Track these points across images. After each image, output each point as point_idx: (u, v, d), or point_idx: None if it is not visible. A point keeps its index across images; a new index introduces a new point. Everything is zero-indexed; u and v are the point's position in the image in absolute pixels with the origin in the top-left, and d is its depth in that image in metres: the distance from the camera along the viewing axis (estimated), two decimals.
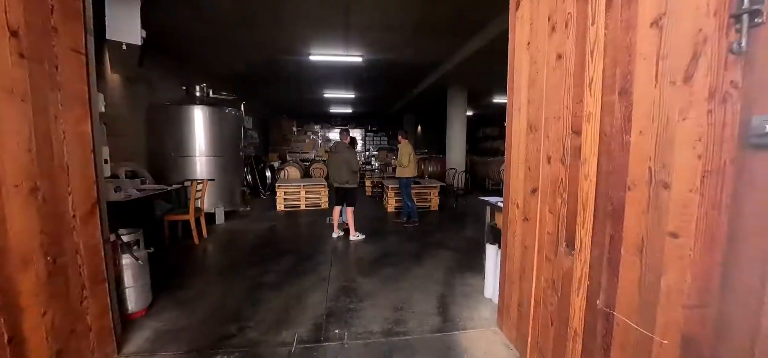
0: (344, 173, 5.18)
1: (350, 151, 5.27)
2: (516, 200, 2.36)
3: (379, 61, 8.25)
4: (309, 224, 6.45)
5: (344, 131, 5.43)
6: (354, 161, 5.20)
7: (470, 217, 7.14)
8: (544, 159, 1.99)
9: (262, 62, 8.31)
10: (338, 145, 5.36)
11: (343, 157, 5.18)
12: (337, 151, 5.30)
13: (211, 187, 6.45)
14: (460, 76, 8.74)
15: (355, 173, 5.28)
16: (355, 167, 5.21)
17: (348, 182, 5.22)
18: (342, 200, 5.41)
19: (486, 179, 11.76)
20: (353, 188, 5.31)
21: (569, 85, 1.75)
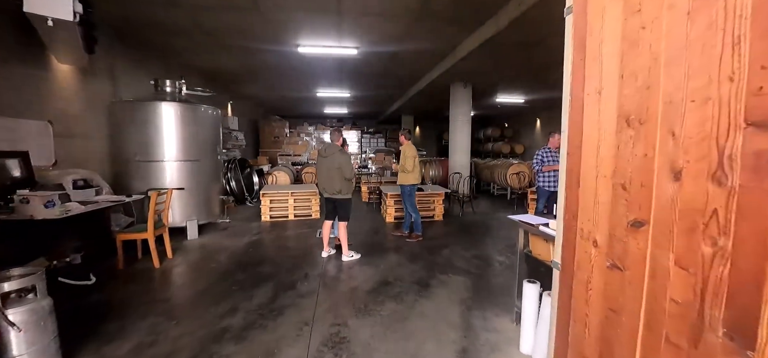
0: (336, 181, 4.35)
1: (343, 155, 4.42)
2: (592, 234, 1.53)
3: (376, 55, 7.43)
4: (296, 238, 5.59)
5: (335, 131, 4.58)
6: (348, 166, 4.37)
7: (480, 228, 6.32)
8: (665, 172, 1.16)
9: (244, 55, 7.46)
10: (328, 147, 4.50)
11: (334, 161, 4.34)
12: (327, 155, 4.43)
13: (181, 197, 5.59)
14: (464, 71, 7.94)
15: (350, 181, 4.45)
16: (350, 174, 4.37)
17: (341, 191, 4.38)
18: (334, 213, 4.57)
19: (491, 183, 10.97)
20: (347, 199, 4.47)
21: (739, 34, 0.93)
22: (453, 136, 9.20)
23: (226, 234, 5.88)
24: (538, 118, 17.61)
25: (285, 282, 3.74)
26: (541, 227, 2.47)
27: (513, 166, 9.58)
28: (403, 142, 5.43)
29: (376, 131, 19.86)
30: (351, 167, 4.39)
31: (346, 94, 12.39)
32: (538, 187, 5.58)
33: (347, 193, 4.42)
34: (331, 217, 4.63)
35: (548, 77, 8.89)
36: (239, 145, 9.71)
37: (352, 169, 4.41)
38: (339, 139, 4.52)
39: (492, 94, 11.80)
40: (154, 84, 5.95)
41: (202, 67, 8.53)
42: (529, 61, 7.27)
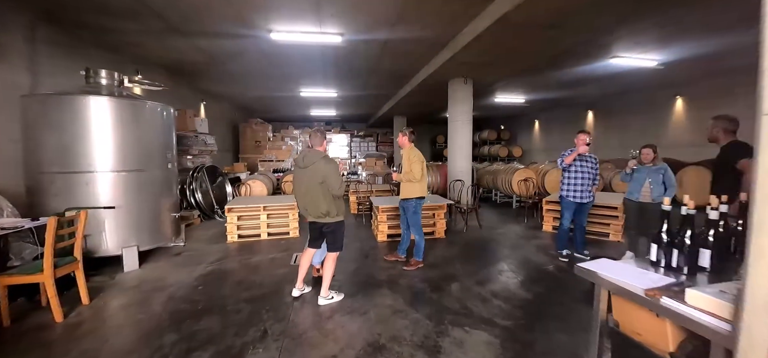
0: (321, 201, 3.19)
1: (329, 164, 3.20)
2: None
3: (363, 45, 6.34)
4: (265, 268, 4.43)
5: (317, 132, 3.40)
6: (335, 179, 3.18)
7: (490, 248, 5.24)
8: None
9: (207, 43, 6.29)
10: (308, 154, 3.27)
11: (317, 173, 3.16)
12: (306, 165, 3.22)
13: (117, 217, 4.39)
14: (466, 64, 6.90)
15: (339, 199, 3.31)
16: (338, 188, 3.18)
17: (328, 213, 3.23)
18: (320, 240, 3.44)
19: (493, 190, 9.95)
20: (339, 223, 3.33)
21: None
22: (452, 138, 8.15)
23: (176, 262, 4.69)
24: (537, 120, 16.77)
25: (230, 350, 2.58)
26: (664, 299, 1.38)
27: (519, 172, 8.58)
28: (404, 145, 4.31)
29: (366, 134, 18.75)
30: (339, 179, 3.19)
31: (333, 94, 11.27)
32: (561, 196, 4.54)
33: (338, 214, 3.28)
34: (315, 245, 3.49)
35: (565, 68, 7.92)
36: (210, 151, 8.50)
37: (340, 181, 3.18)
38: (322, 143, 3.36)
39: (491, 92, 10.83)
40: (86, 75, 4.74)
41: (162, 59, 7.32)
42: (545, 48, 6.26)
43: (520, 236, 5.91)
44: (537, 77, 8.70)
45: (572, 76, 8.71)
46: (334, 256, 3.37)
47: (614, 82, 9.56)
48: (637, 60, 7.37)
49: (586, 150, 4.40)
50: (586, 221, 4.66)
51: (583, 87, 10.21)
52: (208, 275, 4.20)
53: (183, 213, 6.95)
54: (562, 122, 14.92)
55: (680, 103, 10.12)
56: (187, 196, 7.34)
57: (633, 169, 4.31)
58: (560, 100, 12.67)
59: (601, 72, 8.28)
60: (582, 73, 8.46)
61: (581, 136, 4.39)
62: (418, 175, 4.09)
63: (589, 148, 4.43)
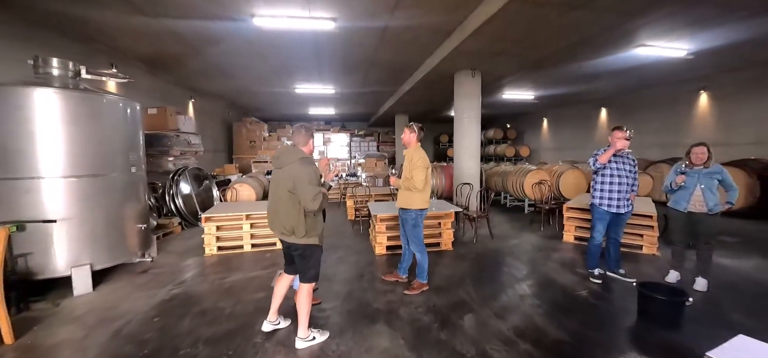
0: (288, 213, 2.48)
1: (304, 167, 2.46)
2: None
3: (360, 33, 5.65)
4: (239, 290, 3.74)
5: (300, 129, 2.65)
6: (306, 187, 2.41)
7: (506, 264, 4.52)
8: None
9: (185, 32, 5.62)
10: (285, 152, 2.57)
11: (288, 175, 2.46)
12: (280, 165, 2.55)
13: (67, 231, 3.72)
14: (474, 54, 6.19)
15: (315, 215, 2.57)
16: (310, 201, 2.41)
17: (295, 231, 2.50)
18: (294, 265, 2.73)
19: (502, 193, 9.21)
20: (311, 247, 2.59)
21: None
22: (459, 137, 7.43)
23: (138, 284, 4.00)
24: (545, 118, 16.00)
25: None
26: None
27: (532, 174, 7.83)
28: (410, 143, 3.55)
29: (366, 134, 18.07)
30: (313, 189, 2.41)
31: (331, 91, 10.60)
32: (593, 205, 3.81)
33: (308, 235, 2.54)
34: (291, 271, 2.79)
35: (582, 59, 7.19)
36: (194, 152, 7.83)
37: (314, 192, 2.41)
38: (307, 143, 2.65)
39: (499, 88, 10.12)
40: (34, 64, 4.07)
41: (137, 51, 6.66)
42: (563, 34, 5.54)
43: (537, 248, 5.19)
44: (550, 71, 7.97)
45: (588, 70, 7.98)
46: (307, 289, 2.63)
47: (632, 76, 8.81)
48: (664, 49, 6.63)
49: (626, 145, 3.66)
50: (622, 233, 3.92)
51: (597, 82, 9.47)
52: (171, 301, 3.51)
53: (162, 221, 6.29)
54: (572, 120, 14.14)
55: (705, 99, 9.35)
56: (167, 202, 6.68)
57: (683, 171, 3.57)
58: (572, 96, 11.92)
59: (621, 64, 7.54)
60: (599, 67, 7.72)
61: (618, 133, 3.66)
62: (419, 184, 3.35)
63: (628, 145, 3.70)
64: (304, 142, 2.62)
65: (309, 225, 2.52)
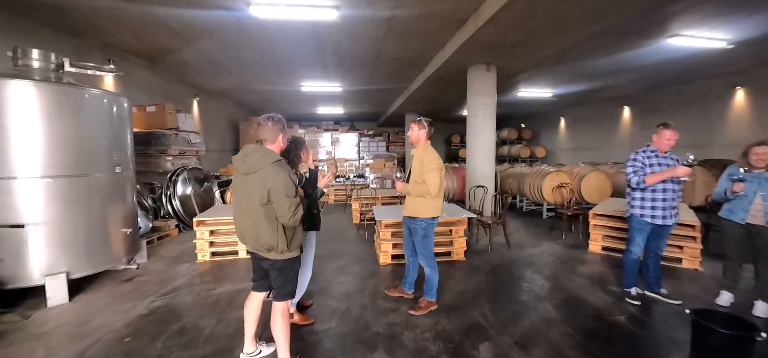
0: (264, 228, 2.05)
1: (279, 172, 2.02)
2: None
3: (365, 22, 5.22)
4: (227, 303, 3.36)
5: (267, 121, 2.17)
6: (283, 199, 1.99)
7: (524, 275, 4.01)
8: None
9: (177, 24, 5.29)
10: (253, 154, 2.09)
11: (262, 183, 2.01)
12: (247, 170, 2.07)
13: (45, 236, 3.42)
14: (489, 45, 5.69)
15: (290, 230, 2.12)
16: (288, 216, 2.00)
17: (273, 247, 2.07)
18: (265, 282, 2.31)
19: (518, 196, 8.64)
20: (289, 261, 2.17)
21: None
22: (472, 137, 6.93)
23: (118, 294, 3.66)
24: (563, 117, 15.27)
25: None
26: None
27: (551, 176, 7.27)
28: (419, 141, 3.05)
29: (375, 134, 17.66)
30: (290, 201, 1.99)
31: (338, 89, 10.21)
32: (631, 215, 3.28)
33: (290, 249, 2.12)
34: (262, 288, 2.37)
35: (609, 49, 6.62)
36: (195, 151, 7.55)
37: (292, 204, 1.99)
38: (276, 138, 2.16)
39: (514, 85, 9.55)
40: (12, 55, 3.79)
41: (132, 45, 6.38)
42: (591, 20, 4.98)
43: (560, 259, 4.66)
44: (570, 65, 7.39)
45: (612, 64, 7.37)
46: (283, 308, 2.19)
47: (660, 71, 8.14)
48: (701, 40, 6.00)
49: (671, 143, 3.13)
50: (665, 246, 3.37)
51: (621, 77, 8.82)
52: (149, 316, 3.14)
53: (158, 223, 6.00)
54: (592, 120, 13.41)
55: (742, 95, 8.58)
56: (164, 203, 6.39)
57: (741, 178, 3.01)
58: (592, 93, 11.22)
59: (649, 58, 6.93)
60: (624, 61, 7.13)
61: (667, 132, 3.12)
62: (434, 189, 2.87)
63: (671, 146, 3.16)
64: (272, 139, 2.15)
65: (290, 237, 2.10)
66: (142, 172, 6.81)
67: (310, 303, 3.27)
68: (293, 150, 2.76)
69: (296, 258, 2.19)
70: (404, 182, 3.10)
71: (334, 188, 10.89)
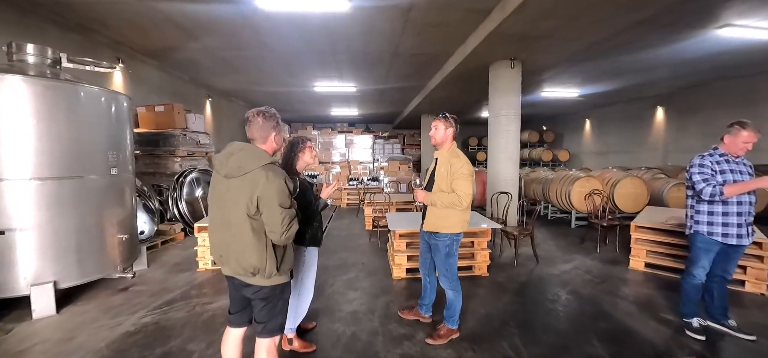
0: (249, 245, 1.64)
1: (272, 179, 1.62)
2: None
3: (380, 15, 4.83)
4: (222, 322, 3.02)
5: (257, 116, 1.75)
6: (276, 211, 1.62)
7: (558, 297, 3.51)
8: None
9: (182, 19, 5.04)
10: (238, 156, 1.69)
11: (250, 190, 1.62)
12: (231, 173, 1.67)
13: (32, 243, 3.17)
14: (514, 38, 5.21)
15: (281, 249, 1.74)
16: (285, 232, 1.64)
17: (260, 269, 1.67)
18: (246, 313, 1.89)
19: (542, 203, 8.05)
20: (278, 288, 1.77)
21: None
22: (494, 139, 6.43)
23: (109, 306, 3.38)
24: (588, 119, 14.45)
25: None
26: None
27: (581, 182, 6.67)
28: (443, 142, 2.58)
29: (391, 136, 17.27)
30: (284, 213, 1.64)
31: (352, 89, 9.88)
32: (696, 233, 2.73)
33: (280, 273, 1.73)
34: (240, 321, 1.90)
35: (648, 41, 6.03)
36: (205, 153, 7.34)
37: (288, 216, 1.66)
38: (267, 137, 1.78)
39: (538, 84, 8.97)
40: (7, 50, 3.59)
41: (139, 44, 6.20)
42: (631, 6, 4.44)
43: (598, 277, 4.11)
44: (601, 61, 6.78)
45: (647, 59, 6.74)
46: (269, 345, 1.78)
47: (701, 67, 7.43)
48: (755, 30, 5.33)
49: (748, 147, 2.58)
50: (735, 269, 2.81)
51: (655, 74, 8.11)
52: (134, 334, 2.83)
53: (163, 227, 5.78)
54: (621, 121, 12.58)
55: None
56: (170, 206, 6.17)
57: None
58: (622, 93, 10.46)
59: (691, 51, 6.28)
60: (662, 56, 6.50)
61: (744, 133, 2.56)
62: (466, 200, 2.40)
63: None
64: (263, 138, 1.76)
65: (280, 258, 1.71)
66: (150, 173, 6.64)
67: (312, 326, 2.88)
68: (291, 152, 2.38)
69: (286, 285, 1.80)
70: (424, 188, 2.66)
71: (346, 191, 10.56)
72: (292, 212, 1.67)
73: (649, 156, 11.34)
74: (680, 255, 4.05)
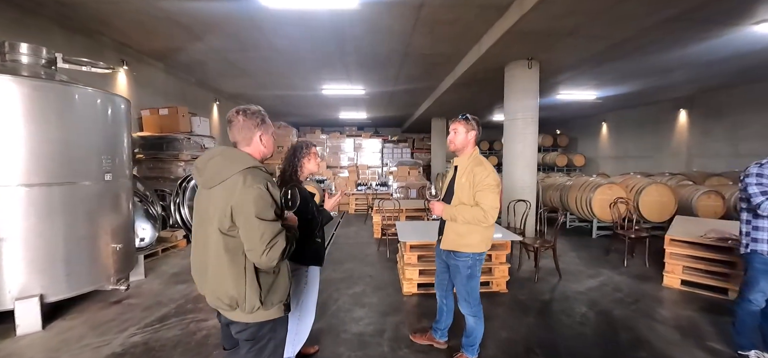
0: (229, 273, 1.34)
1: (252, 186, 1.31)
2: None
3: (390, 12, 4.57)
4: (216, 344, 2.76)
5: (238, 115, 1.45)
6: (258, 226, 1.30)
7: (585, 318, 3.15)
8: None
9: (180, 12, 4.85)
10: (216, 161, 1.40)
11: (224, 204, 1.33)
12: (210, 182, 1.38)
13: (20, 255, 2.97)
14: (532, 36, 4.89)
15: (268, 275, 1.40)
16: (266, 252, 1.30)
17: (238, 300, 1.35)
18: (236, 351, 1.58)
19: (560, 211, 7.63)
20: (267, 325, 1.43)
21: None
22: (510, 143, 6.09)
23: (100, 321, 3.16)
24: (605, 122, 13.93)
25: None
26: None
27: (603, 189, 6.27)
28: (463, 147, 2.27)
29: (400, 140, 17.01)
30: (266, 224, 1.31)
31: (360, 92, 9.64)
32: (754, 253, 2.37)
33: (267, 306, 1.39)
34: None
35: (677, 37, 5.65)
36: None
37: (272, 231, 1.32)
38: (251, 139, 1.47)
39: (553, 86, 8.57)
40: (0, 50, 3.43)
41: (144, 46, 6.07)
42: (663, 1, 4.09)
43: (629, 296, 3.73)
44: (625, 60, 6.38)
45: (674, 59, 6.33)
46: None
47: (729, 67, 6.97)
48: None
49: None
50: None
51: (679, 75, 7.66)
52: (121, 357, 2.58)
53: (165, 233, 5.59)
54: (640, 125, 12.06)
55: None
56: (173, 212, 5.99)
57: None
58: (642, 95, 9.97)
59: (721, 50, 5.86)
60: (689, 55, 6.10)
61: None
62: (493, 215, 2.08)
63: None
64: (246, 140, 1.47)
65: (266, 287, 1.40)
66: (154, 178, 6.47)
67: (314, 350, 2.60)
68: (293, 158, 2.12)
69: (278, 322, 1.48)
70: (439, 199, 2.34)
71: (354, 196, 10.31)
72: (276, 225, 1.34)
73: (670, 161, 10.81)
74: (721, 273, 3.66)
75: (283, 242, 1.35)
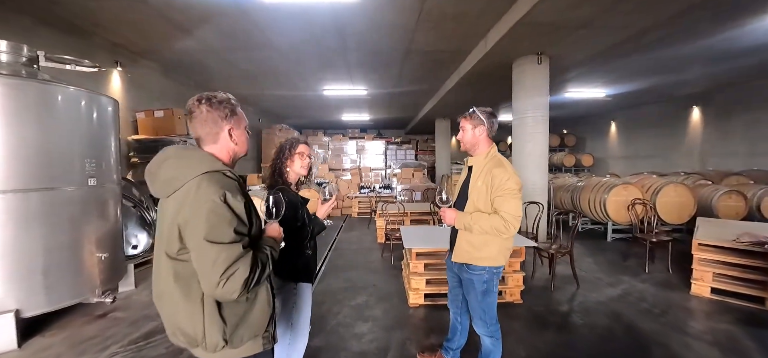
0: (182, 303, 1.08)
1: (201, 187, 1.05)
2: None
3: (392, 7, 4.32)
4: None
5: (200, 104, 1.17)
6: (209, 250, 1.01)
7: (612, 332, 2.86)
8: None
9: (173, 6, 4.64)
10: (171, 158, 1.13)
11: (173, 218, 1.07)
12: (162, 190, 1.14)
13: None
14: (544, 28, 4.62)
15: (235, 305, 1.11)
16: (212, 267, 0.99)
17: (196, 337, 1.09)
18: None
19: (573, 213, 7.32)
20: None
21: None
22: (519, 143, 5.80)
23: (81, 338, 2.91)
24: (614, 121, 13.57)
25: None
26: None
27: (618, 189, 5.96)
28: (474, 145, 1.99)
29: (403, 141, 16.75)
30: (220, 248, 1.01)
31: (362, 92, 9.40)
32: None
33: (234, 343, 1.11)
34: None
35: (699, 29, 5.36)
36: None
37: (222, 253, 1.01)
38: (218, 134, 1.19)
39: (561, 83, 8.27)
40: None
41: (142, 48, 5.87)
42: None
43: (656, 307, 3.42)
44: (639, 55, 6.08)
45: (691, 53, 6.01)
46: None
47: (747, 62, 6.64)
48: None
49: None
50: None
51: (693, 71, 7.36)
52: None
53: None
54: (651, 123, 11.69)
55: None
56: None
57: None
58: (653, 92, 9.62)
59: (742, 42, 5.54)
60: (704, 50, 5.83)
61: None
62: (515, 224, 1.78)
63: None
64: (211, 135, 1.19)
65: (233, 320, 1.11)
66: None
67: None
68: (277, 160, 1.87)
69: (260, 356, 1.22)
70: (451, 206, 2.05)
71: (357, 199, 10.05)
72: (235, 249, 1.03)
73: (683, 160, 10.44)
74: (757, 281, 3.35)
75: (245, 269, 1.03)
